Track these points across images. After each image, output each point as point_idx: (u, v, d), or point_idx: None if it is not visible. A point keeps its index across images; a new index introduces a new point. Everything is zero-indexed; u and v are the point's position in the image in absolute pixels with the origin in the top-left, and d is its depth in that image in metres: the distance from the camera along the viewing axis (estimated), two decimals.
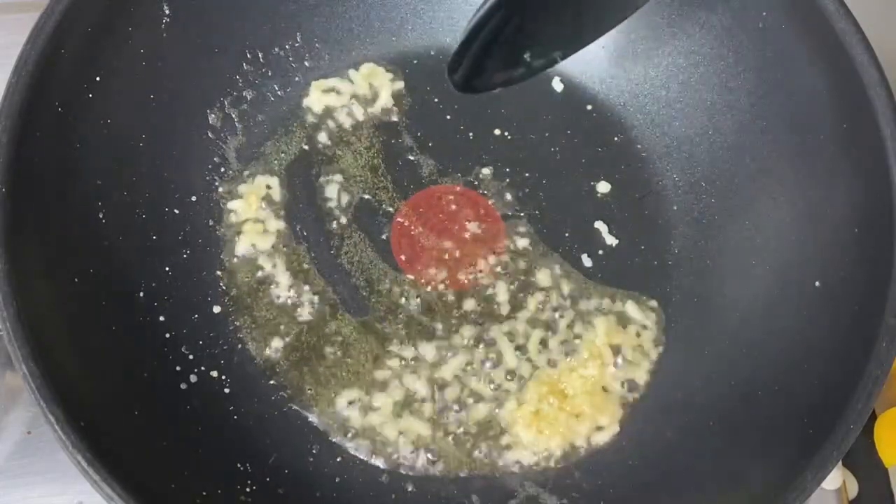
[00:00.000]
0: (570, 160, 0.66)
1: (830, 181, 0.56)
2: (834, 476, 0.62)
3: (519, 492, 0.58)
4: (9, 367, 0.60)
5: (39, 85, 0.51)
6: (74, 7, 0.52)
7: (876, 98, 0.52)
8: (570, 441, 0.59)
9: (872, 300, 0.51)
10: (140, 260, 0.58)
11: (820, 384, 0.52)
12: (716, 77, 0.63)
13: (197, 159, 0.63)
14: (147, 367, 0.56)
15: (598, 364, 0.60)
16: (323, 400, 0.59)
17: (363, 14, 0.67)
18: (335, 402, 0.59)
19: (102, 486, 0.46)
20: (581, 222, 0.64)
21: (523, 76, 0.57)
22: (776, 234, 0.59)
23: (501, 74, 0.57)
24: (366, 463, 0.58)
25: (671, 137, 0.65)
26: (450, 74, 0.55)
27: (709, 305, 0.61)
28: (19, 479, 0.60)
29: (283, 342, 0.60)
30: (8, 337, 0.47)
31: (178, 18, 0.60)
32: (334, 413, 0.59)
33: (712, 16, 0.62)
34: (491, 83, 0.57)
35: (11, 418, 0.62)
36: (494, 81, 0.57)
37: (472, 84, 0.57)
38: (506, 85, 0.57)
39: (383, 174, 0.65)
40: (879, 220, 0.52)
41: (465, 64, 0.54)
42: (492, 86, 0.57)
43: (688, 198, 0.64)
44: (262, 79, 0.65)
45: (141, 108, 0.59)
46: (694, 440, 0.57)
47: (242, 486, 0.55)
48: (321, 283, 0.62)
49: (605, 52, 0.66)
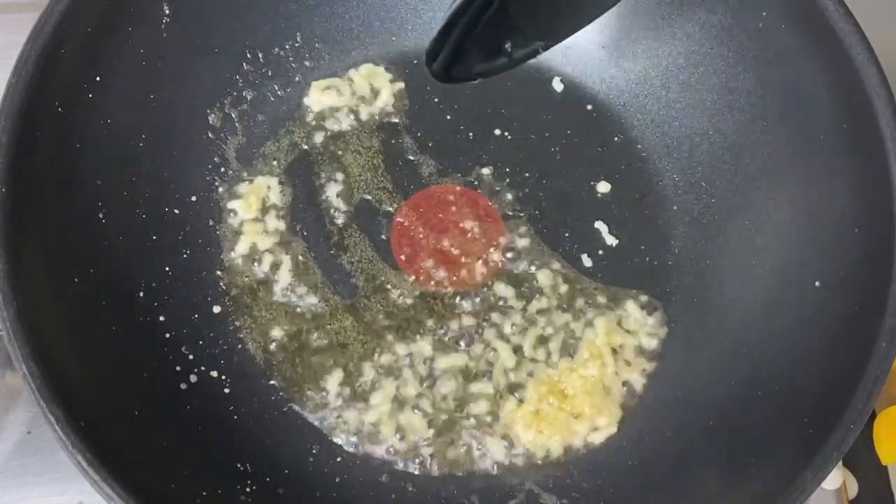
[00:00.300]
0: (570, 160, 0.66)
1: (830, 181, 0.56)
2: (834, 476, 0.62)
3: (519, 492, 0.58)
4: (9, 367, 0.60)
5: (39, 85, 0.51)
6: (74, 7, 0.52)
7: (876, 98, 0.52)
8: (570, 441, 0.59)
9: (872, 300, 0.51)
10: (140, 260, 0.58)
11: (820, 384, 0.52)
12: (716, 77, 0.63)
13: (197, 159, 0.63)
14: (147, 367, 0.56)
15: (598, 364, 0.60)
16: (323, 399, 0.59)
17: (363, 14, 0.67)
18: (335, 401, 0.59)
19: (102, 486, 0.46)
20: (581, 222, 0.64)
21: (504, 67, 0.55)
22: (776, 234, 0.59)
23: (482, 64, 0.55)
24: (366, 463, 0.58)
25: (671, 137, 0.65)
26: (428, 63, 0.54)
27: (709, 305, 0.61)
28: (19, 479, 0.60)
29: (283, 342, 0.60)
30: (8, 337, 0.47)
31: (178, 18, 0.60)
32: (334, 412, 0.59)
33: (712, 16, 0.62)
34: (471, 73, 0.56)
35: (11, 418, 0.62)
36: (475, 71, 0.56)
37: (452, 73, 0.55)
38: (487, 76, 0.56)
39: (383, 174, 0.65)
40: (879, 220, 0.52)
41: (445, 52, 0.53)
42: (472, 76, 0.56)
43: (688, 198, 0.64)
44: (262, 79, 0.65)
45: (141, 108, 0.59)
46: (694, 440, 0.57)
47: (242, 486, 0.55)
48: (321, 282, 0.62)
49: (605, 52, 0.66)
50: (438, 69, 0.54)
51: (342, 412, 0.59)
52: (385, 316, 0.61)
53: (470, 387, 0.60)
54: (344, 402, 0.59)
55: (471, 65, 0.55)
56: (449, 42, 0.52)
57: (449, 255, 0.63)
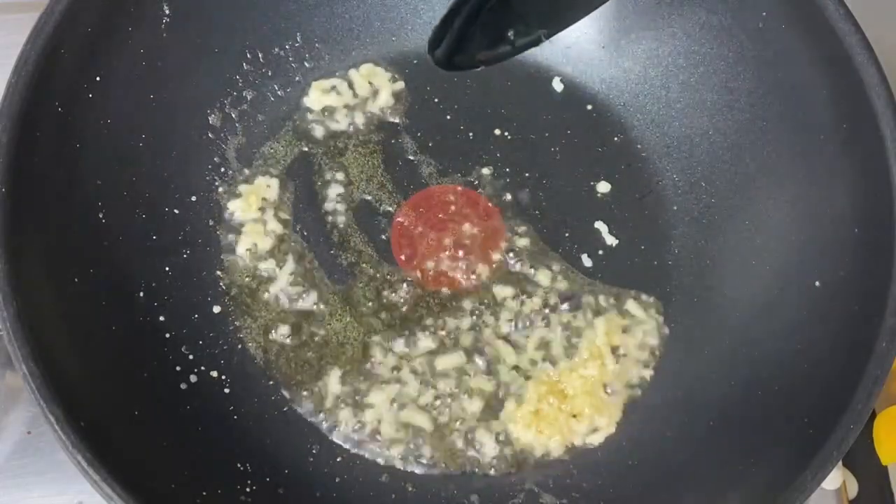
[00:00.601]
0: (570, 160, 0.66)
1: (830, 181, 0.56)
2: (834, 476, 0.62)
3: (519, 492, 0.58)
4: (9, 367, 0.60)
5: (39, 85, 0.51)
6: (74, 7, 0.52)
7: (876, 98, 0.52)
8: (570, 441, 0.59)
9: (872, 300, 0.51)
10: (140, 260, 0.58)
11: (820, 384, 0.52)
12: (716, 77, 0.63)
13: (197, 159, 0.63)
14: (147, 367, 0.56)
15: (598, 364, 0.60)
16: (323, 399, 0.59)
17: (363, 14, 0.67)
18: (335, 401, 0.59)
19: (102, 486, 0.46)
20: (581, 222, 0.64)
21: (507, 55, 0.55)
22: (776, 234, 0.59)
23: (485, 52, 0.55)
24: (366, 463, 0.58)
25: (671, 137, 0.65)
26: (431, 51, 0.54)
27: (709, 305, 0.61)
28: (19, 479, 0.60)
29: (283, 342, 0.60)
30: (8, 337, 0.47)
31: (178, 18, 0.60)
32: (334, 412, 0.59)
33: (712, 16, 0.62)
34: (474, 61, 0.56)
35: (11, 418, 0.62)
36: (478, 59, 0.56)
37: (455, 61, 0.55)
38: (489, 63, 0.56)
39: (383, 174, 0.65)
40: (879, 220, 0.52)
41: (448, 40, 0.53)
42: (475, 63, 0.56)
43: (688, 198, 0.64)
44: (262, 79, 0.65)
45: (141, 108, 0.59)
46: (694, 440, 0.57)
47: (242, 486, 0.55)
48: (321, 282, 0.62)
49: (605, 52, 0.66)
50: (441, 56, 0.54)
51: (342, 412, 0.59)
52: (385, 315, 0.61)
53: (469, 386, 0.60)
54: (344, 401, 0.59)
55: (473, 53, 0.55)
56: (452, 30, 0.52)
57: (449, 255, 0.63)
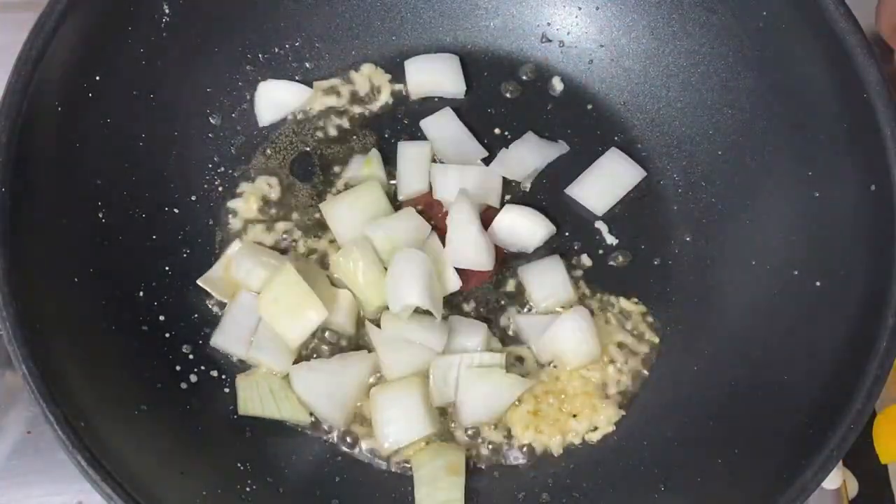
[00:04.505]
0: (570, 160, 0.66)
1: (830, 181, 0.56)
2: (834, 476, 0.62)
3: (519, 491, 0.58)
4: (9, 367, 0.60)
5: (39, 85, 0.51)
6: (74, 7, 0.52)
7: (876, 98, 0.52)
8: (570, 441, 0.59)
9: (872, 300, 0.51)
10: (140, 260, 0.58)
11: (820, 384, 0.52)
12: (716, 77, 0.63)
13: (197, 159, 0.63)
14: (147, 367, 0.56)
15: (598, 364, 0.60)
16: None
17: (363, 14, 0.67)
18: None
19: (102, 486, 0.47)
20: (581, 222, 0.64)
21: None
22: (776, 235, 0.59)
23: None
24: (365, 463, 0.58)
25: (671, 137, 0.65)
26: None
27: (709, 305, 0.61)
28: (19, 479, 0.60)
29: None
30: (8, 337, 0.47)
31: (178, 18, 0.60)
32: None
33: (712, 15, 0.62)
34: None
35: (11, 418, 0.62)
36: None
37: None
38: None
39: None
40: (879, 220, 0.52)
41: None
42: None
43: (688, 198, 0.64)
44: (262, 79, 0.65)
45: (141, 108, 0.59)
46: (694, 440, 0.57)
47: (242, 485, 0.55)
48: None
49: (605, 52, 0.66)
50: None
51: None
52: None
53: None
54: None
55: None
56: None
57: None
